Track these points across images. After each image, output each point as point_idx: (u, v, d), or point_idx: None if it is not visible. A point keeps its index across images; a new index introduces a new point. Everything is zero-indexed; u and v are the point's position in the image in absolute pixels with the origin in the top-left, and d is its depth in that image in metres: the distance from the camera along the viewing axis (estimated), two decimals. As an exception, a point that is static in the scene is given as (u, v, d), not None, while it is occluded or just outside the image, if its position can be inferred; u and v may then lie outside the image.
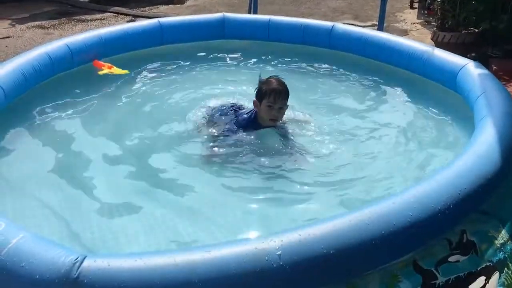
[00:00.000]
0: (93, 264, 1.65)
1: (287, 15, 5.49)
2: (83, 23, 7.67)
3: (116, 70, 3.95)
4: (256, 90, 3.17)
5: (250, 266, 1.68)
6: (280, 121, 3.19)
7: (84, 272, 1.62)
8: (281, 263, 1.69)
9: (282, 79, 3.15)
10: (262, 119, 3.14)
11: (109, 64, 3.97)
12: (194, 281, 1.63)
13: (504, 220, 2.28)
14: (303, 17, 6.21)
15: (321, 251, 1.74)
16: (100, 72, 3.88)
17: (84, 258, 1.66)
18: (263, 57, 4.55)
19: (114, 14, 8.24)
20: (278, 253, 1.70)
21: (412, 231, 1.89)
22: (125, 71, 3.99)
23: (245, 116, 3.22)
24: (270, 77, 3.17)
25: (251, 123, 3.17)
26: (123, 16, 8.17)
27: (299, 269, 1.72)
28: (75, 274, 1.61)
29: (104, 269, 1.63)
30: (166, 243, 2.30)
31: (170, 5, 8.99)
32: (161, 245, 2.28)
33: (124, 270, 1.64)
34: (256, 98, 3.15)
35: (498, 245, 2.18)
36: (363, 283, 1.83)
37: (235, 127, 3.16)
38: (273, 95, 3.03)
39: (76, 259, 1.65)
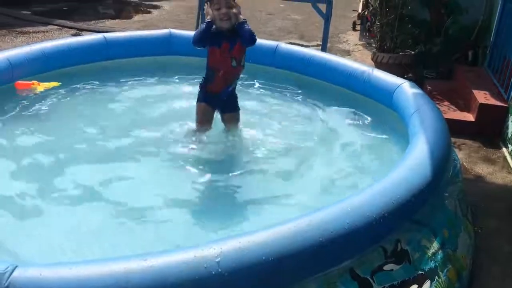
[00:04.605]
0: (24, 273, 1.60)
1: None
2: (25, 35, 7.42)
3: (49, 84, 3.87)
4: None
5: (188, 274, 1.67)
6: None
7: (14, 282, 1.57)
8: (220, 271, 1.69)
9: None
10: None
11: (35, 81, 3.86)
12: (130, 290, 1.60)
13: (436, 230, 2.39)
14: (250, 36, 6.27)
15: (260, 258, 1.75)
16: (37, 91, 3.78)
17: (15, 268, 1.61)
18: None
19: (58, 27, 8.03)
20: (217, 260, 1.70)
21: (349, 238, 1.95)
22: (57, 83, 3.91)
23: None
24: None
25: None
26: (67, 29, 7.98)
27: (238, 276, 1.73)
28: (5, 284, 1.56)
29: (36, 278, 1.59)
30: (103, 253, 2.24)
31: (117, 20, 8.88)
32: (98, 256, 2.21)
33: (58, 279, 1.60)
34: None
35: (430, 254, 2.29)
36: (301, 290, 1.86)
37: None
38: None
39: (6, 268, 1.60)
